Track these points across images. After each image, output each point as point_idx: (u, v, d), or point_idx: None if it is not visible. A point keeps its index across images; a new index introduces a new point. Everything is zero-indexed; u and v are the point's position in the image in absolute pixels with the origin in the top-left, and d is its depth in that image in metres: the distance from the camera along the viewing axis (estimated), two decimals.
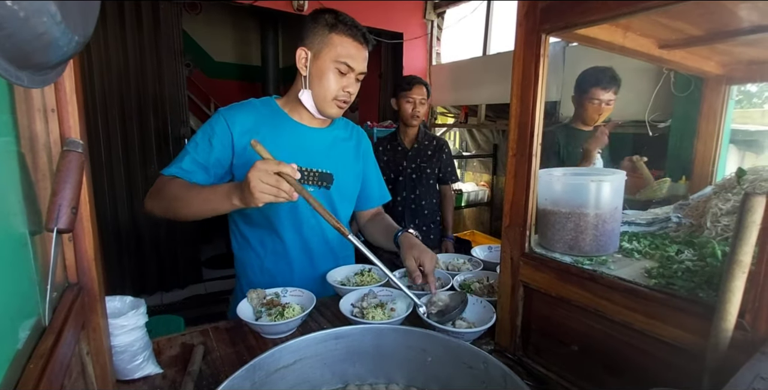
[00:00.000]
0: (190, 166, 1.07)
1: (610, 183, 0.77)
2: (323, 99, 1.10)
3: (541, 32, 0.72)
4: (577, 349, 0.75)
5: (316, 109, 1.13)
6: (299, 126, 1.17)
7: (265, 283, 1.15)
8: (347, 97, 1.12)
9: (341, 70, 1.07)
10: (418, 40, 4.29)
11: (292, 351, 0.69)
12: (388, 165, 2.27)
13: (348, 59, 1.06)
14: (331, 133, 1.22)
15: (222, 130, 1.09)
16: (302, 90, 1.10)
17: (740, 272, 0.49)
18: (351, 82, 1.11)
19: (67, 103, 0.59)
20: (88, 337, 0.63)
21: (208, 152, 1.08)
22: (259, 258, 1.19)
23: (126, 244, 3.02)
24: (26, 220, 0.51)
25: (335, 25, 1.06)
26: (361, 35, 1.08)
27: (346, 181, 1.23)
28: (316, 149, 1.17)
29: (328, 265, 1.23)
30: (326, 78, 1.08)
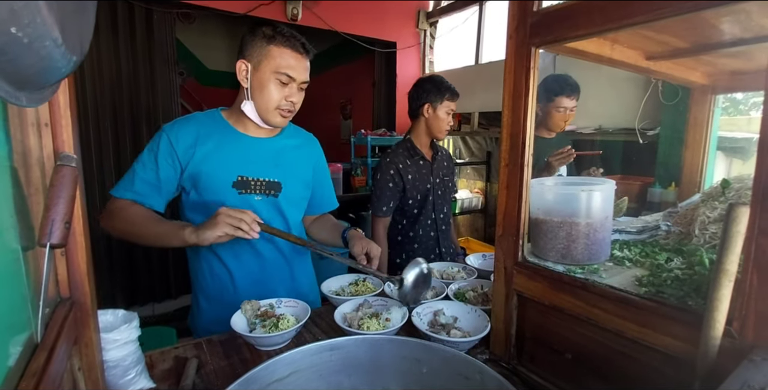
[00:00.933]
0: (142, 188, 1.09)
1: (601, 192, 0.78)
2: (266, 109, 1.12)
3: (530, 45, 0.73)
4: (570, 358, 0.75)
5: (260, 119, 1.15)
6: (244, 137, 1.18)
7: (217, 289, 1.19)
8: (291, 106, 1.14)
9: (282, 80, 1.09)
10: (411, 49, 4.34)
11: (286, 363, 0.69)
12: (415, 184, 1.81)
13: (288, 70, 1.09)
14: (279, 142, 1.24)
15: (165, 148, 1.10)
16: (245, 101, 1.12)
17: (727, 281, 0.50)
18: (293, 92, 1.13)
19: (60, 118, 0.59)
20: (80, 353, 0.62)
21: (155, 171, 1.10)
22: (209, 263, 1.20)
23: (117, 255, 2.99)
24: (19, 235, 0.51)
25: (273, 37, 1.07)
26: (300, 45, 1.10)
27: (294, 189, 1.24)
28: (262, 159, 1.18)
29: (282, 270, 1.24)
30: (267, 89, 1.10)
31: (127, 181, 1.10)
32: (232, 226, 0.95)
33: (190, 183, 1.13)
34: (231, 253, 1.17)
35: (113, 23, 2.86)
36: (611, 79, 1.88)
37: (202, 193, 1.12)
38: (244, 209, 0.98)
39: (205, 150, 1.12)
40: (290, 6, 3.44)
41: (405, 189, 1.78)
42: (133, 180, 1.09)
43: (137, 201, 1.08)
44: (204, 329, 1.19)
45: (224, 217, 0.95)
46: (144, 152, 1.12)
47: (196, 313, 1.24)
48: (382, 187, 1.77)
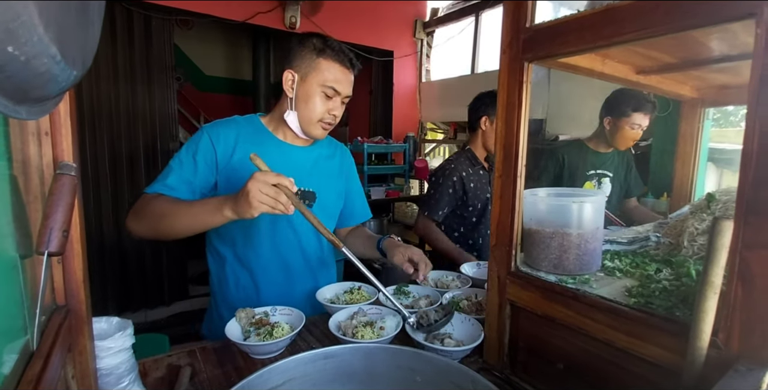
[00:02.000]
0: (176, 183, 1.06)
1: (592, 204, 0.79)
2: (309, 121, 1.12)
3: (523, 60, 0.75)
4: (562, 368, 0.76)
5: (301, 130, 1.15)
6: (283, 144, 1.19)
7: (241, 300, 1.16)
8: (332, 119, 1.14)
9: (328, 93, 1.10)
10: (408, 58, 4.39)
11: (280, 372, 0.69)
12: (476, 193, 1.81)
13: (335, 84, 1.09)
14: (314, 151, 1.24)
15: (206, 147, 1.10)
16: (288, 111, 1.13)
17: (712, 293, 0.51)
18: (336, 106, 1.14)
19: (61, 127, 0.60)
20: (74, 360, 0.62)
21: (193, 169, 1.08)
22: (235, 274, 1.19)
23: (110, 261, 2.97)
24: (17, 243, 0.51)
25: (323, 50, 1.08)
26: (348, 60, 1.11)
27: (328, 199, 1.24)
28: (299, 167, 1.19)
29: (306, 283, 1.24)
30: (312, 101, 1.10)
31: (161, 177, 1.07)
32: (269, 205, 0.86)
33: (224, 186, 1.11)
34: (259, 265, 1.17)
35: (112, 29, 2.87)
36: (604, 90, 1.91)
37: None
38: (277, 175, 0.88)
39: (243, 154, 1.11)
40: (288, 14, 3.48)
41: (466, 197, 1.80)
42: (167, 175, 1.07)
43: (162, 193, 1.05)
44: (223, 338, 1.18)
45: (258, 195, 0.85)
46: (182, 150, 1.11)
47: (217, 321, 1.21)
48: (442, 191, 1.78)
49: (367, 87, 4.43)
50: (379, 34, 4.12)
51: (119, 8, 2.87)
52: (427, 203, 1.82)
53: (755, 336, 0.52)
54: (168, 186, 1.06)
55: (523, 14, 0.74)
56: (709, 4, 0.51)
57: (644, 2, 0.56)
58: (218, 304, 1.22)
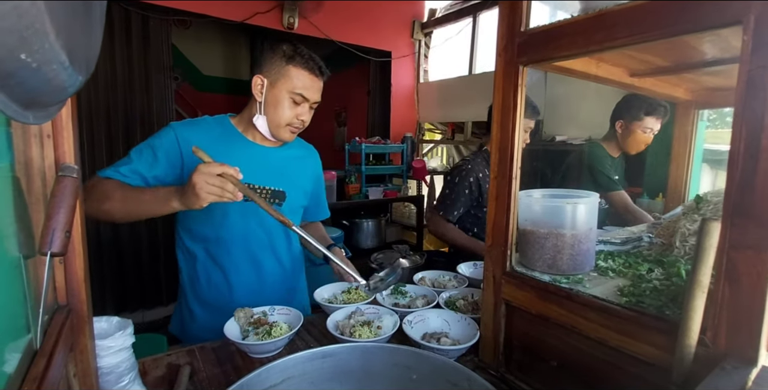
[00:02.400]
0: (129, 173, 1.06)
1: (585, 205, 0.81)
2: (277, 125, 1.15)
3: (518, 64, 0.76)
4: (556, 366, 0.77)
5: (269, 133, 1.17)
6: (252, 145, 1.20)
7: (213, 298, 1.19)
8: (300, 124, 1.17)
9: (296, 100, 1.12)
10: (406, 59, 4.40)
11: (279, 370, 0.70)
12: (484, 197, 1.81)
13: (303, 91, 1.11)
14: (284, 152, 1.26)
15: (170, 145, 1.10)
16: (257, 115, 1.15)
17: (700, 292, 0.53)
18: (305, 111, 1.16)
19: (62, 129, 0.61)
20: (76, 359, 0.63)
21: (150, 164, 1.08)
22: (206, 272, 1.20)
23: (108, 262, 2.97)
24: (20, 244, 0.52)
25: (293, 57, 1.10)
26: (317, 68, 1.13)
27: (296, 198, 1.27)
28: (268, 168, 1.21)
29: (279, 281, 1.26)
30: (281, 107, 1.12)
31: (117, 164, 1.08)
32: (216, 195, 0.89)
33: None
34: (231, 263, 1.19)
35: (109, 29, 2.87)
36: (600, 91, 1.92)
37: None
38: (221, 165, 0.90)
39: (212, 154, 1.12)
40: (287, 15, 3.48)
41: (482, 198, 1.80)
42: (123, 163, 1.07)
43: (113, 178, 1.05)
44: (196, 336, 1.20)
45: (205, 186, 0.87)
46: (144, 143, 1.11)
47: (187, 320, 1.24)
48: (458, 192, 1.78)
49: (365, 87, 4.43)
50: (377, 34, 4.13)
51: (117, 8, 2.87)
52: (442, 203, 1.82)
53: (741, 334, 0.53)
54: (121, 173, 1.06)
55: (518, 18, 0.76)
56: (698, 12, 0.53)
57: (635, 8, 0.58)
58: (189, 302, 1.23)
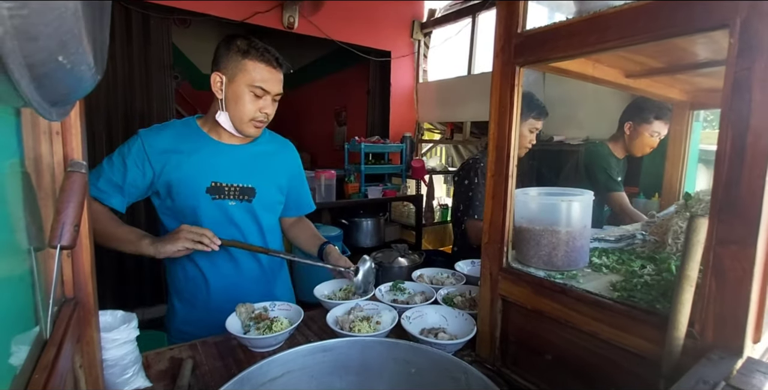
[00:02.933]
0: (106, 186, 1.11)
1: (580, 203, 0.83)
2: (240, 120, 1.16)
3: (515, 65, 0.78)
4: (550, 359, 0.79)
5: (234, 129, 1.18)
6: (218, 144, 1.22)
7: (191, 292, 1.22)
8: (264, 117, 1.17)
9: (256, 93, 1.13)
10: (406, 59, 4.42)
11: (280, 364, 0.72)
12: None
13: (262, 83, 1.12)
14: (252, 148, 1.27)
15: (137, 152, 1.13)
16: (219, 112, 1.16)
17: (688, 286, 0.55)
18: (267, 104, 1.16)
19: (71, 126, 0.62)
20: (82, 351, 0.65)
21: (122, 172, 1.12)
22: (183, 267, 1.22)
23: (107, 260, 2.98)
24: (31, 237, 0.54)
25: (248, 51, 1.11)
26: (274, 60, 1.13)
27: (268, 194, 1.27)
28: (236, 165, 1.22)
29: (255, 274, 1.27)
30: (242, 101, 1.13)
31: (91, 177, 1.10)
32: (193, 240, 1.02)
33: (164, 189, 1.16)
34: (206, 257, 1.20)
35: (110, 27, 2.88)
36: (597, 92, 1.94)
37: (176, 198, 1.16)
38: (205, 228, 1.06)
39: (179, 156, 1.15)
40: (287, 14, 3.50)
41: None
42: (98, 177, 1.11)
43: (98, 198, 1.10)
44: (176, 330, 1.23)
45: (185, 232, 1.03)
46: (115, 152, 1.15)
47: (170, 314, 1.28)
48: (481, 190, 1.73)
49: (365, 87, 4.45)
50: (377, 34, 4.15)
51: (117, 7, 2.88)
52: (472, 207, 1.76)
53: (728, 326, 0.55)
54: (98, 188, 1.10)
55: (515, 20, 0.78)
56: (687, 15, 0.54)
57: (627, 11, 0.60)
58: (171, 298, 1.27)
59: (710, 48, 0.79)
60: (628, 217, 1.80)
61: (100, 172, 1.12)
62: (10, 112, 0.54)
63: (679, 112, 1.40)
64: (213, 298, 1.19)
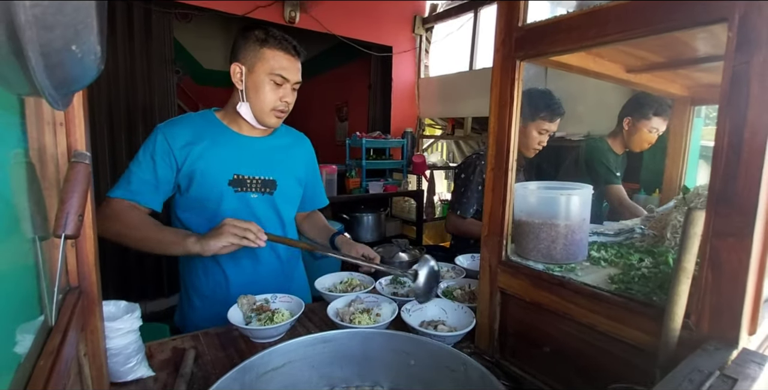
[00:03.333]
0: (138, 187, 1.10)
1: (579, 197, 0.83)
2: (261, 110, 1.16)
3: (516, 59, 0.78)
4: (548, 351, 0.80)
5: (255, 120, 1.18)
6: (239, 136, 1.22)
7: (211, 289, 1.21)
8: (285, 106, 1.17)
9: (276, 81, 1.13)
10: (407, 54, 4.40)
11: (281, 354, 0.73)
12: None
13: (282, 71, 1.12)
14: (272, 141, 1.27)
15: (161, 146, 1.13)
16: (240, 103, 1.15)
17: (685, 278, 0.55)
18: (287, 92, 1.16)
19: (74, 117, 0.63)
20: (87, 339, 0.66)
21: (152, 169, 1.11)
22: (203, 264, 1.22)
23: (110, 253, 3.00)
24: (36, 226, 0.55)
25: (266, 40, 1.11)
26: (292, 48, 1.14)
27: (288, 187, 1.28)
28: (257, 157, 1.22)
29: (275, 270, 1.28)
30: (263, 91, 1.13)
31: (123, 182, 1.11)
32: (238, 235, 0.97)
33: (186, 181, 1.15)
34: (228, 255, 1.16)
35: (111, 22, 2.88)
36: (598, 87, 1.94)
37: (198, 191, 1.15)
38: (250, 221, 1.00)
39: (200, 149, 1.15)
40: (288, 8, 3.49)
41: None
42: (129, 180, 1.10)
43: (134, 200, 1.09)
44: (195, 326, 1.22)
45: (230, 227, 0.98)
46: (140, 152, 1.14)
47: (187, 310, 1.26)
48: (472, 189, 1.76)
49: (366, 82, 4.45)
50: (379, 29, 4.14)
51: (119, 2, 2.88)
52: (458, 202, 1.80)
53: (723, 318, 0.56)
54: (131, 191, 1.09)
55: (515, 14, 0.78)
56: (686, 9, 0.55)
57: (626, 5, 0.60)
58: (189, 294, 1.26)
59: (711, 43, 0.79)
60: (627, 210, 1.80)
61: (129, 175, 1.11)
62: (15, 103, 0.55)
63: (680, 107, 1.40)
64: (233, 294, 1.14)
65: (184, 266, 1.27)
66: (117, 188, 1.10)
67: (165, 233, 1.06)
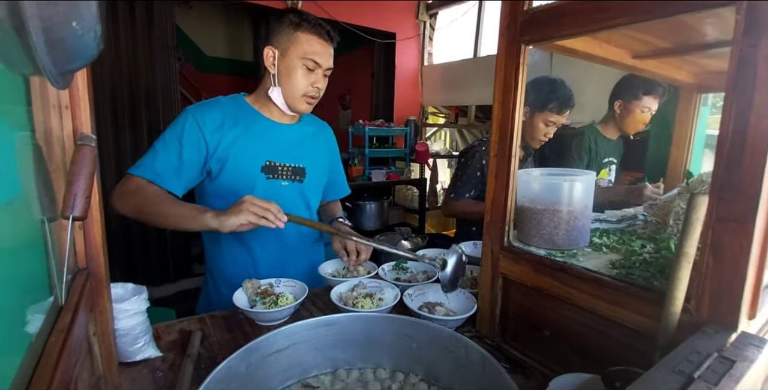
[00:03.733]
0: (163, 169, 1.07)
1: (582, 183, 0.83)
2: (292, 96, 1.14)
3: (521, 43, 0.78)
4: (549, 335, 0.81)
5: (286, 105, 1.17)
6: (271, 122, 1.20)
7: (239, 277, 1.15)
8: (316, 92, 1.15)
9: (309, 66, 1.11)
10: (411, 41, 4.35)
11: (286, 336, 0.74)
12: None
13: (314, 56, 1.10)
14: (300, 129, 1.27)
15: (192, 130, 1.10)
16: (272, 87, 1.14)
17: (686, 262, 0.56)
18: (319, 78, 1.14)
19: (79, 100, 0.63)
20: (96, 319, 0.67)
21: (178, 152, 1.09)
22: (231, 252, 1.22)
23: (116, 239, 3.03)
24: (44, 208, 0.55)
25: (300, 24, 1.10)
26: (325, 33, 1.12)
27: (316, 175, 1.28)
28: (288, 145, 1.22)
29: (302, 257, 1.28)
30: (295, 75, 1.11)
31: (147, 160, 1.08)
32: (257, 214, 0.93)
33: (217, 167, 1.13)
34: (257, 239, 1.19)
35: (113, 8, 2.86)
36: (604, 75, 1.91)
37: (230, 177, 1.13)
38: (270, 200, 0.96)
39: (233, 134, 1.12)
40: None
41: None
42: (154, 159, 1.07)
43: (155, 181, 1.07)
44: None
45: (249, 205, 0.93)
46: (166, 133, 1.11)
47: (214, 297, 1.25)
48: (470, 174, 1.76)
49: (370, 70, 4.41)
50: (382, 15, 4.08)
51: None
52: (453, 185, 1.82)
53: (723, 302, 0.56)
54: (154, 172, 1.07)
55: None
56: None
57: None
58: (216, 281, 1.25)
59: (719, 27, 0.78)
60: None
61: (154, 154, 1.08)
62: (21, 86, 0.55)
63: (687, 95, 1.38)
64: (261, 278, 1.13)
65: (210, 253, 1.26)
66: (139, 166, 1.07)
67: (184, 208, 1.02)
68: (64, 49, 0.29)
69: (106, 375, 0.69)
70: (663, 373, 0.47)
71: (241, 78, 5.62)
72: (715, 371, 0.47)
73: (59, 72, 0.36)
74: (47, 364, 0.42)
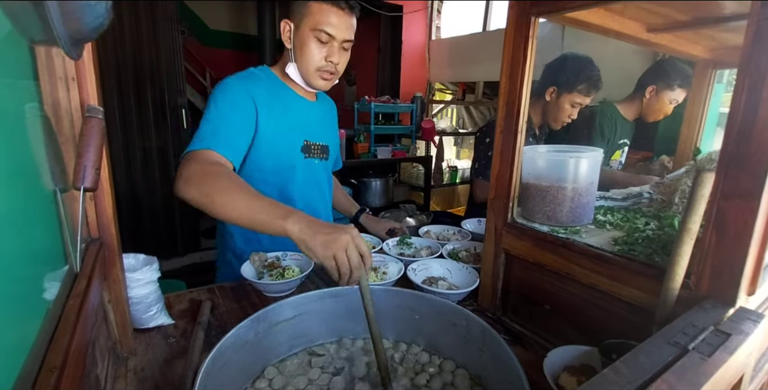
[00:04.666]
0: (227, 136, 0.97)
1: (587, 159, 0.83)
2: (307, 71, 1.08)
3: (531, 15, 0.76)
4: (549, 309, 0.83)
5: (303, 82, 1.11)
6: (302, 100, 1.17)
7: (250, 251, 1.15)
8: (331, 67, 1.08)
9: (321, 38, 1.03)
10: (418, 14, 4.23)
11: (293, 306, 0.76)
12: None
13: (326, 27, 1.02)
14: (320, 106, 1.25)
15: (244, 100, 1.03)
16: (288, 63, 1.09)
17: (689, 238, 0.56)
18: (333, 51, 1.06)
19: (86, 72, 0.63)
20: (110, 288, 0.69)
21: (236, 119, 1.01)
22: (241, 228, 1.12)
23: (123, 213, 3.08)
24: (56, 179, 0.57)
25: None
26: (343, 1, 1.04)
27: (334, 151, 1.29)
28: (314, 123, 1.20)
29: None
30: (307, 48, 1.04)
31: (206, 133, 0.96)
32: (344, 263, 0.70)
33: (259, 143, 1.07)
34: None
35: None
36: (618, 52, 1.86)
37: (271, 156, 1.09)
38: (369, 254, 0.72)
39: (273, 111, 1.08)
40: None
41: None
42: (215, 130, 0.96)
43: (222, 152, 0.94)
44: None
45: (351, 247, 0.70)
46: (218, 103, 1.01)
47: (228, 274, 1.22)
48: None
49: (376, 45, 4.31)
50: None
51: None
52: (477, 167, 1.71)
53: (723, 278, 0.57)
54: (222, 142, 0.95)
55: None
56: None
57: None
58: (230, 260, 1.23)
59: None
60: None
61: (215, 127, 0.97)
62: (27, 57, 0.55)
63: (702, 70, 1.35)
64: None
65: (225, 231, 1.23)
66: (200, 140, 0.94)
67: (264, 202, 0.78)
68: (78, 18, 0.29)
69: (121, 340, 0.73)
70: (658, 344, 0.48)
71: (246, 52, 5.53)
72: (710, 343, 0.49)
73: (72, 41, 0.36)
74: (66, 324, 0.44)
